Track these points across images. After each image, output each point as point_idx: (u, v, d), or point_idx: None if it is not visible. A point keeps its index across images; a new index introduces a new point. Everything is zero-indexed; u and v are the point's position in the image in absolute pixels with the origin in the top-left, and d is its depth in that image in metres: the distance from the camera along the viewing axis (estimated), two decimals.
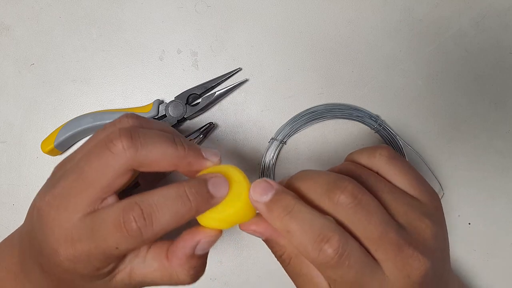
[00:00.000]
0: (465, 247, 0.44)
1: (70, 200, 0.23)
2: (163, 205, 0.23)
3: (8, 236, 0.32)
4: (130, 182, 0.25)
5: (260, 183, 0.25)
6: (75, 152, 0.26)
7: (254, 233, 0.26)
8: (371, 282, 0.23)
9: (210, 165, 0.26)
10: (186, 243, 0.25)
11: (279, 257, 0.27)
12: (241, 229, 0.26)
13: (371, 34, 0.45)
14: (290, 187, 0.26)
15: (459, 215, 0.44)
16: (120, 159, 0.23)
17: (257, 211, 0.26)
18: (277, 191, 0.25)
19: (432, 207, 0.26)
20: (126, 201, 0.23)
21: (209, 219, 0.25)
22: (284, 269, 0.27)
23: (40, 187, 0.26)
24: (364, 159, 0.28)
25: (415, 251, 0.24)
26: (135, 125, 0.25)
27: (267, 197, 0.24)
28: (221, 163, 0.27)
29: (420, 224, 0.25)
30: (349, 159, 0.29)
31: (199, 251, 0.25)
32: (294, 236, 0.23)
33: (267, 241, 0.26)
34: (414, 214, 0.25)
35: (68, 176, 0.24)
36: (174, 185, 0.24)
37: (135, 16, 0.45)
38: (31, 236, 0.25)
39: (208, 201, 0.24)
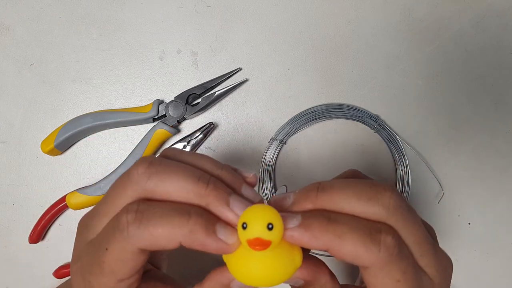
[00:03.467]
0: (465, 247, 0.44)
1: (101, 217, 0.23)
2: (159, 210, 0.21)
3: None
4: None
5: (284, 214, 0.22)
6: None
7: (295, 279, 0.23)
8: (424, 285, 0.22)
9: (230, 217, 0.21)
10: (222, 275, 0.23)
11: None
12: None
13: (371, 34, 0.45)
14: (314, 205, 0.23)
15: (459, 215, 0.44)
16: (136, 187, 0.22)
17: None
18: (304, 213, 0.22)
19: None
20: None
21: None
22: None
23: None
24: (360, 207, 0.22)
25: (445, 253, 0.23)
26: (141, 201, 0.22)
27: (297, 220, 0.21)
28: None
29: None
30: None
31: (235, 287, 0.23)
32: (346, 240, 0.20)
33: (306, 285, 0.23)
34: None
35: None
36: (184, 203, 0.22)
37: (135, 16, 0.45)
38: None
39: (208, 233, 0.21)
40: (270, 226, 0.19)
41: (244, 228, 0.20)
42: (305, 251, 0.23)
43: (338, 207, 0.22)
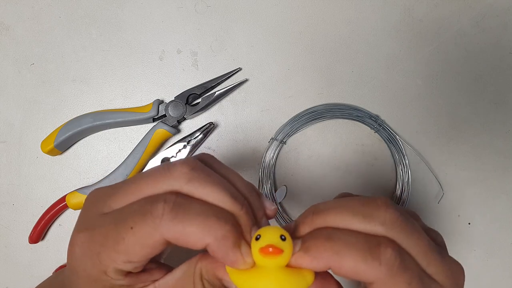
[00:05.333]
0: (465, 247, 0.44)
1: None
2: (197, 208, 0.21)
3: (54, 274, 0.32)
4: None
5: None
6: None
7: None
8: None
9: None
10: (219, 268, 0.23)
11: None
12: None
13: (371, 34, 0.45)
14: (312, 224, 0.23)
15: (459, 215, 0.44)
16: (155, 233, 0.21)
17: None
18: (304, 236, 0.22)
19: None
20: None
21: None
22: None
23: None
24: (357, 225, 0.22)
25: (455, 260, 0.23)
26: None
27: (298, 245, 0.22)
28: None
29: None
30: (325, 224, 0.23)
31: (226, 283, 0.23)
32: (345, 257, 0.20)
33: None
34: None
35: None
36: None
37: (135, 16, 0.45)
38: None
39: (235, 243, 0.21)
40: (282, 237, 0.20)
41: (257, 239, 0.20)
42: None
43: (334, 226, 0.22)
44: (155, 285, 0.23)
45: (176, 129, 0.43)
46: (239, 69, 0.44)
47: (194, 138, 0.42)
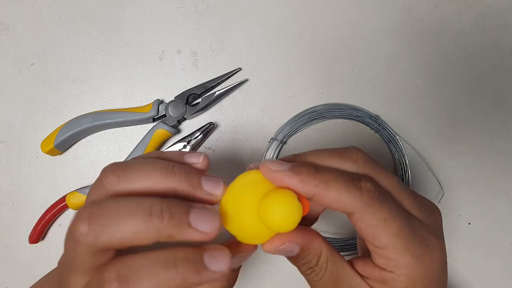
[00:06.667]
0: (465, 247, 0.44)
1: (69, 274, 0.24)
2: (143, 270, 0.20)
3: (51, 272, 0.32)
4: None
5: (274, 160, 0.24)
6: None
7: (288, 246, 0.24)
8: (419, 230, 0.23)
9: (197, 237, 0.21)
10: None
11: (314, 267, 0.25)
12: (267, 251, 0.24)
13: (371, 34, 0.45)
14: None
15: (459, 215, 0.44)
16: (82, 246, 0.21)
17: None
18: (294, 163, 0.24)
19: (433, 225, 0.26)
20: (107, 264, 0.21)
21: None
22: (317, 285, 0.25)
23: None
24: (333, 163, 0.25)
25: (430, 201, 0.25)
26: (103, 196, 0.22)
27: (287, 166, 0.23)
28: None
29: None
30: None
31: (232, 265, 0.23)
32: (331, 186, 0.22)
33: (302, 251, 0.24)
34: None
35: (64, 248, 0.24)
36: (164, 248, 0.21)
37: (135, 16, 0.45)
38: None
39: (201, 272, 0.20)
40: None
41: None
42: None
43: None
44: None
45: (176, 129, 0.43)
46: (239, 69, 0.44)
47: (194, 138, 0.42)
